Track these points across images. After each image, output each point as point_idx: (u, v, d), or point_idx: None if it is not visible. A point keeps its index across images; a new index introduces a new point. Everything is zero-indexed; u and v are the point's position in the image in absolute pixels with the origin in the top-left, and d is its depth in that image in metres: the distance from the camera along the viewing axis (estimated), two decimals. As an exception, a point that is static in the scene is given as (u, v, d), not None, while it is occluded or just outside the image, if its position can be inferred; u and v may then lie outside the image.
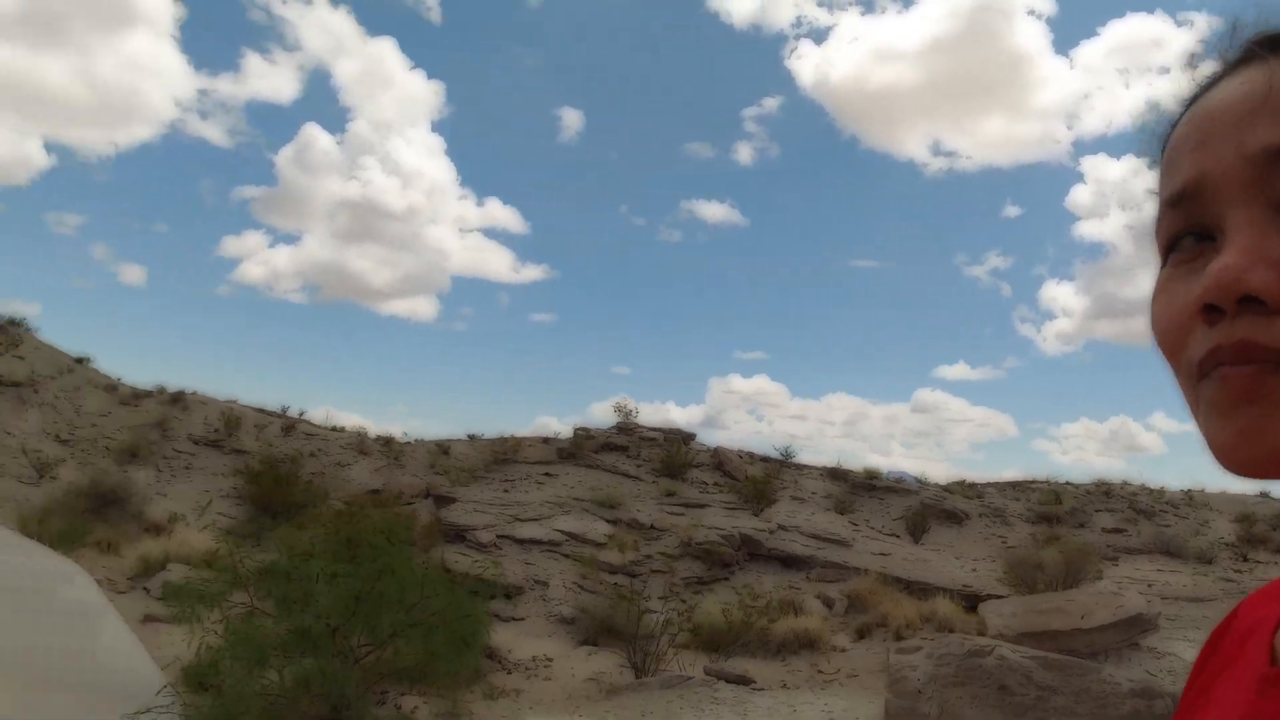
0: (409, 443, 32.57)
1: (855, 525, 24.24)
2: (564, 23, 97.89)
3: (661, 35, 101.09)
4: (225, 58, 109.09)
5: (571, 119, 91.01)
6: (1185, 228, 0.58)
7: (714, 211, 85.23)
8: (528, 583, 16.80)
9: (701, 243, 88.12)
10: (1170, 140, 0.61)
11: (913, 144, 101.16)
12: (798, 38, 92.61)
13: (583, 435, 29.94)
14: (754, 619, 13.57)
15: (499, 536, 18.76)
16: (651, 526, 21.41)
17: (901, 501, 28.17)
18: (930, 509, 26.95)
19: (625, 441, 29.91)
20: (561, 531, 19.57)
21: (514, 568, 17.20)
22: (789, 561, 19.67)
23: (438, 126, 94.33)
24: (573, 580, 17.35)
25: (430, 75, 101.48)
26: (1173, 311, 0.57)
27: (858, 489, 29.22)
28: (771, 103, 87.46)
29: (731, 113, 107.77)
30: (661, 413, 68.83)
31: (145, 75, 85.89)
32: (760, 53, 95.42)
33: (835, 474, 30.67)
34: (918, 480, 32.27)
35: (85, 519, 13.17)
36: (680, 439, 30.87)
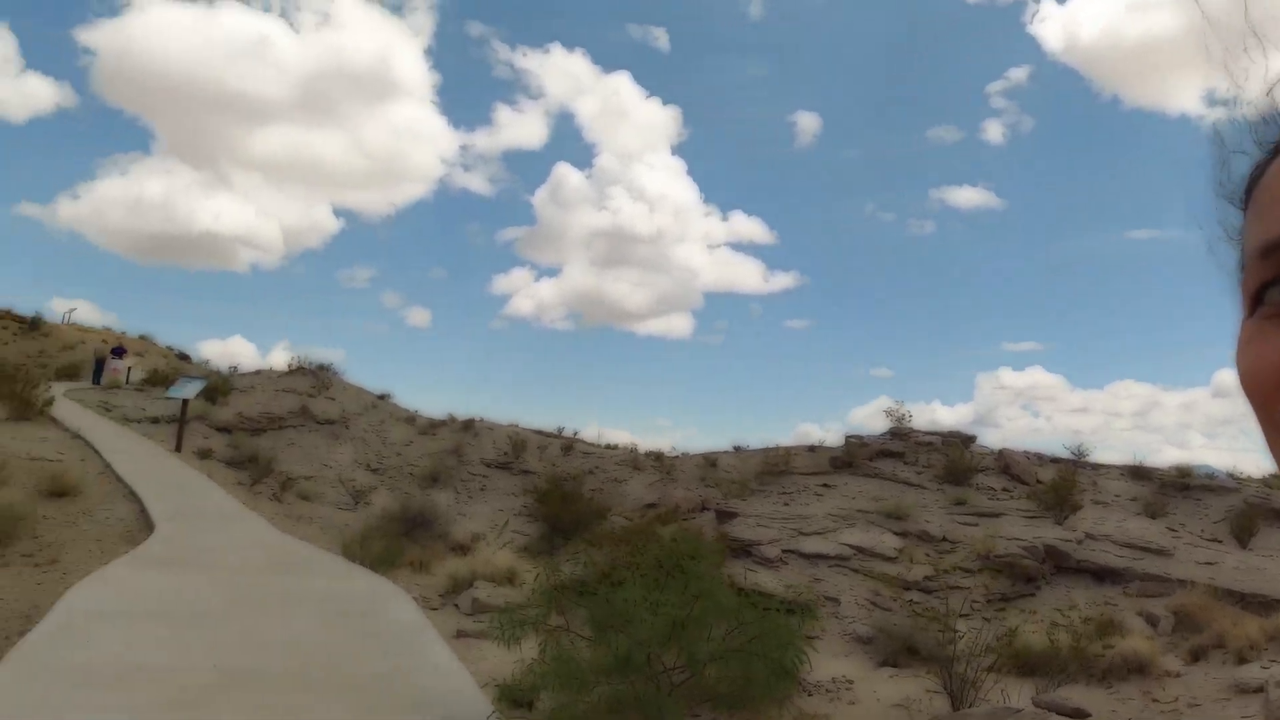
0: (678, 457, 32.64)
1: (1173, 531, 21.34)
2: (787, 27, 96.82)
3: (889, 22, 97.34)
4: (479, 114, 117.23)
5: (807, 122, 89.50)
6: (1275, 278, 0.55)
7: (967, 197, 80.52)
8: (818, 599, 15.94)
9: (956, 232, 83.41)
10: (1260, 183, 0.57)
11: (1184, 97, 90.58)
12: (1038, 0, 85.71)
13: (855, 443, 28.61)
14: (1083, 642, 11.94)
15: (784, 551, 18.05)
16: (943, 538, 19.87)
17: (1220, 501, 24.52)
18: (1257, 508, 23.18)
19: (901, 447, 28.23)
20: (849, 545, 18.55)
21: (802, 584, 16.40)
22: (1101, 574, 17.57)
23: (677, 149, 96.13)
24: (865, 597, 16.31)
25: (665, 101, 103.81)
26: (1264, 364, 0.55)
27: (1167, 489, 25.79)
28: (1018, 74, 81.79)
29: (974, 91, 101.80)
30: (928, 414, 65.45)
31: (412, 139, 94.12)
32: (998, 22, 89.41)
33: (1138, 473, 27.31)
34: (1230, 476, 28.04)
35: (399, 541, 13.82)
36: (960, 442, 28.74)
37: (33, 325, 52.99)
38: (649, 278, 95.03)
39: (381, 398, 36.34)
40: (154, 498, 13.46)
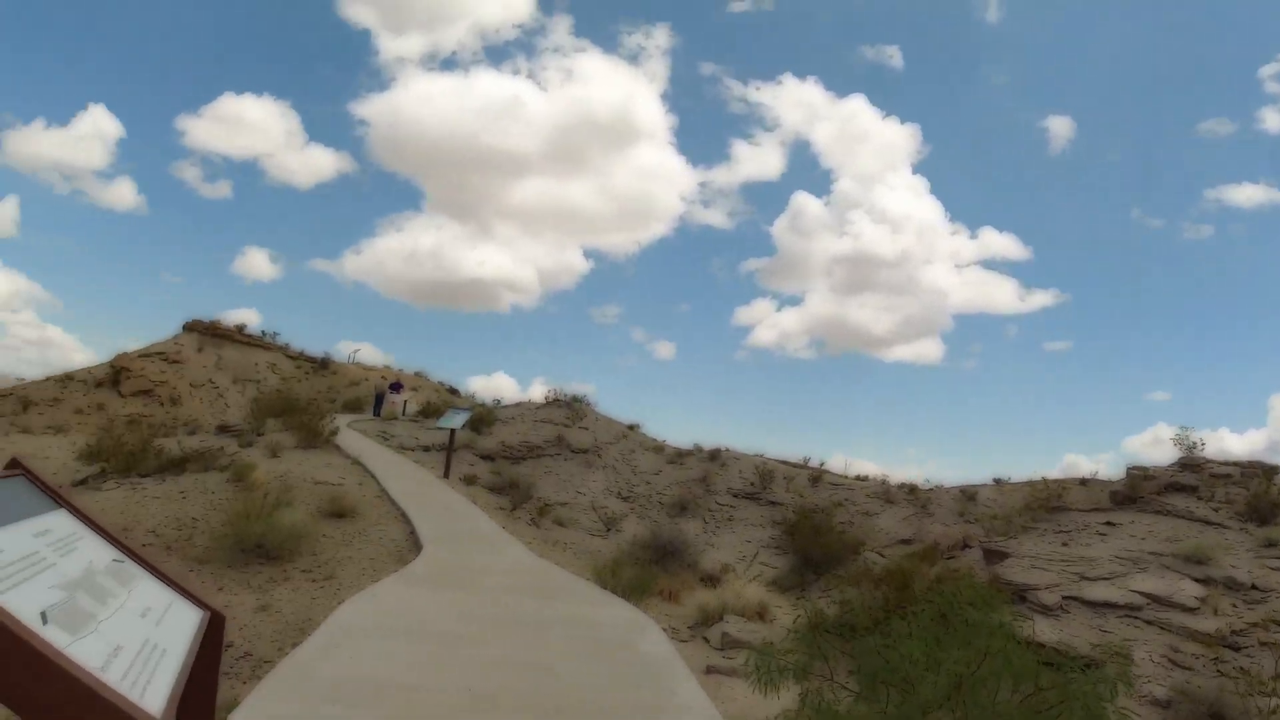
0: (932, 489, 30.77)
1: None
2: (1028, 28, 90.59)
3: (1140, 9, 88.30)
4: (716, 150, 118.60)
5: (1059, 127, 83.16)
6: None
7: (1247, 195, 71.48)
8: (1117, 656, 14.15)
9: (1236, 234, 74.08)
10: None
11: None
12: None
13: (1138, 475, 25.61)
14: None
15: (1065, 598, 16.26)
16: (1252, 586, 17.20)
17: None
18: None
19: (1193, 480, 24.93)
20: (1141, 593, 16.44)
21: (1087, 636, 14.64)
22: None
23: (918, 168, 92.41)
24: (1161, 653, 14.34)
25: (903, 120, 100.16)
26: None
27: None
28: (1301, 54, 71.14)
29: (1246, 76, 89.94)
30: (1215, 441, 57.99)
31: (654, 180, 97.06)
32: (1268, -4, 78.60)
33: None
34: None
35: (649, 569, 13.67)
36: (1263, 473, 24.97)
37: (322, 365, 59.02)
38: (894, 302, 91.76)
39: (631, 428, 37.02)
40: (423, 520, 14.13)
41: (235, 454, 19.95)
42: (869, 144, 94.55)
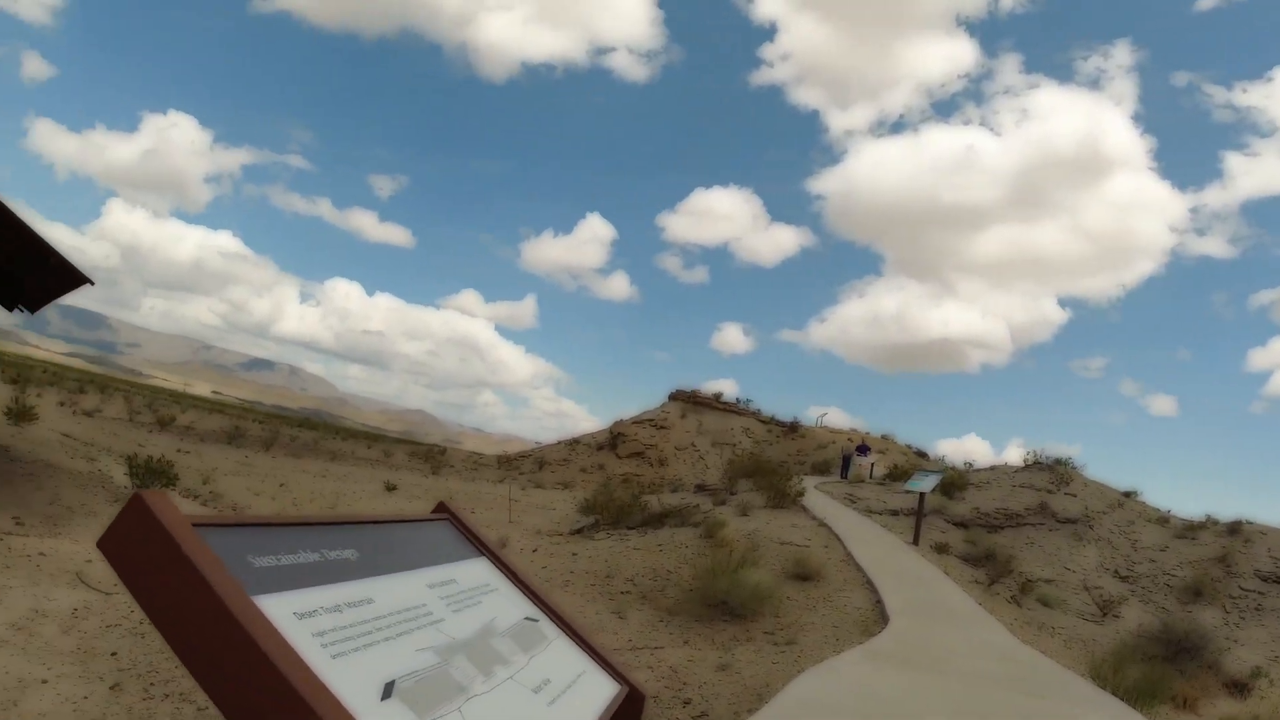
0: None
1: None
2: None
3: None
4: (1205, 168, 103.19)
5: None
6: None
7: None
8: None
9: None
10: None
11: None
12: None
13: None
14: None
15: None
16: None
17: None
18: None
19: None
20: None
21: None
22: None
23: None
24: None
25: None
26: None
27: None
28: None
29: None
30: None
31: (1134, 212, 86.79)
32: None
33: None
34: None
35: (1158, 667, 11.46)
36: None
37: (792, 428, 60.59)
38: None
39: (1127, 495, 32.59)
40: (890, 590, 13.31)
41: (709, 511, 20.77)
42: None
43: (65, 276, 12.19)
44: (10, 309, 21.18)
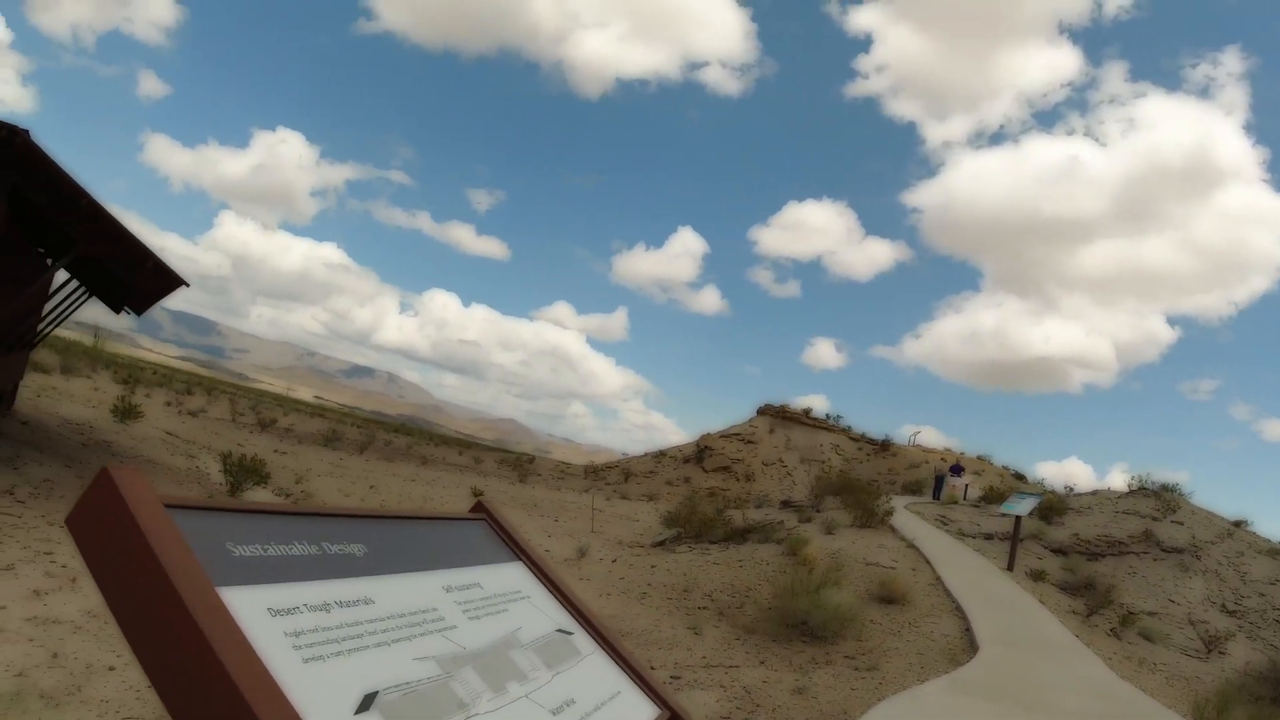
0: None
1: None
2: None
3: None
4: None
5: None
6: None
7: None
8: None
9: None
10: None
11: None
12: None
13: None
14: None
15: None
16: None
17: None
18: None
19: None
20: None
21: None
22: None
23: None
24: None
25: None
26: None
27: None
28: None
29: None
30: None
31: (1248, 226, 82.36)
32: None
33: None
34: None
35: (1268, 710, 10.64)
36: None
37: (883, 447, 59.29)
38: None
39: (1236, 524, 30.78)
40: (981, 618, 12.73)
41: (793, 528, 20.32)
42: None
43: (163, 279, 12.62)
44: (118, 311, 22.10)
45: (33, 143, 9.82)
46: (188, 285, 13.23)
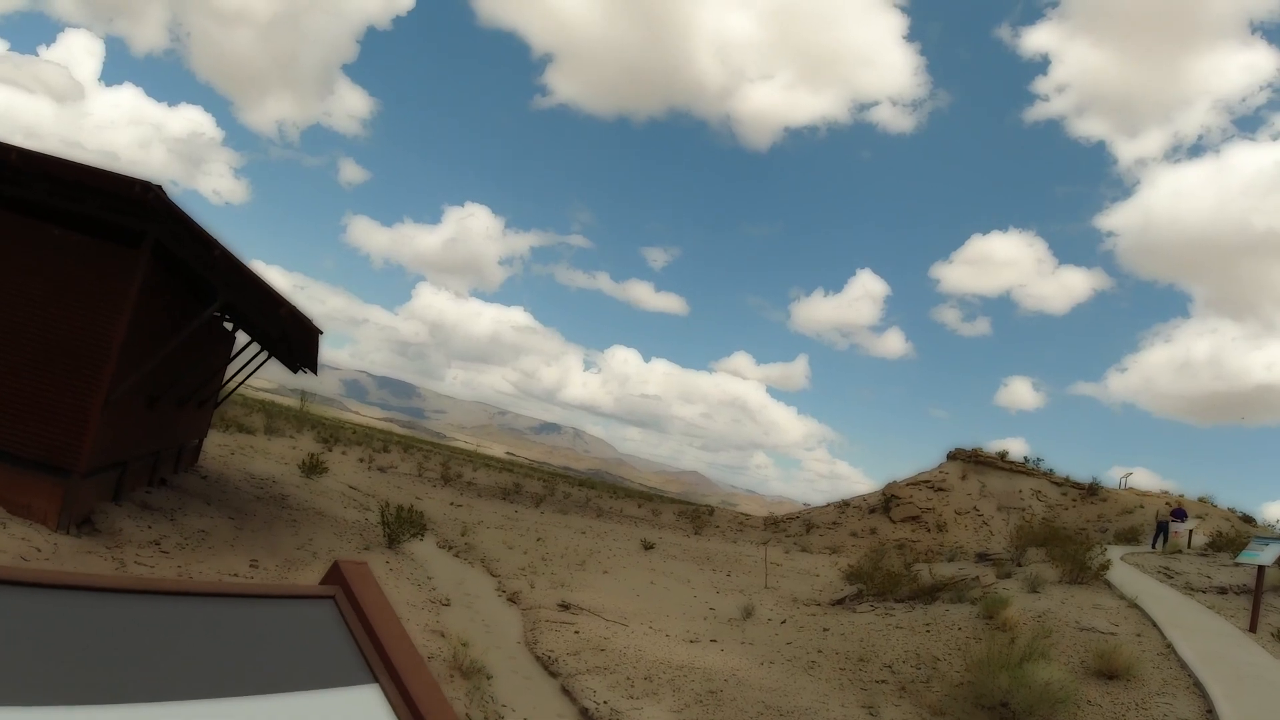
0: None
1: None
2: None
3: None
4: None
5: None
6: None
7: None
8: None
9: None
10: None
11: None
12: None
13: None
14: None
15: None
16: None
17: None
18: None
19: None
20: None
21: None
22: None
23: None
24: None
25: None
26: None
27: None
28: None
29: None
30: None
31: None
32: None
33: None
34: None
35: None
36: None
37: (1090, 491, 54.23)
38: None
39: None
40: (1225, 694, 10.51)
41: (990, 585, 18.20)
42: None
43: (300, 328, 12.57)
44: (295, 370, 22.83)
45: (166, 197, 9.85)
46: (321, 333, 13.20)
